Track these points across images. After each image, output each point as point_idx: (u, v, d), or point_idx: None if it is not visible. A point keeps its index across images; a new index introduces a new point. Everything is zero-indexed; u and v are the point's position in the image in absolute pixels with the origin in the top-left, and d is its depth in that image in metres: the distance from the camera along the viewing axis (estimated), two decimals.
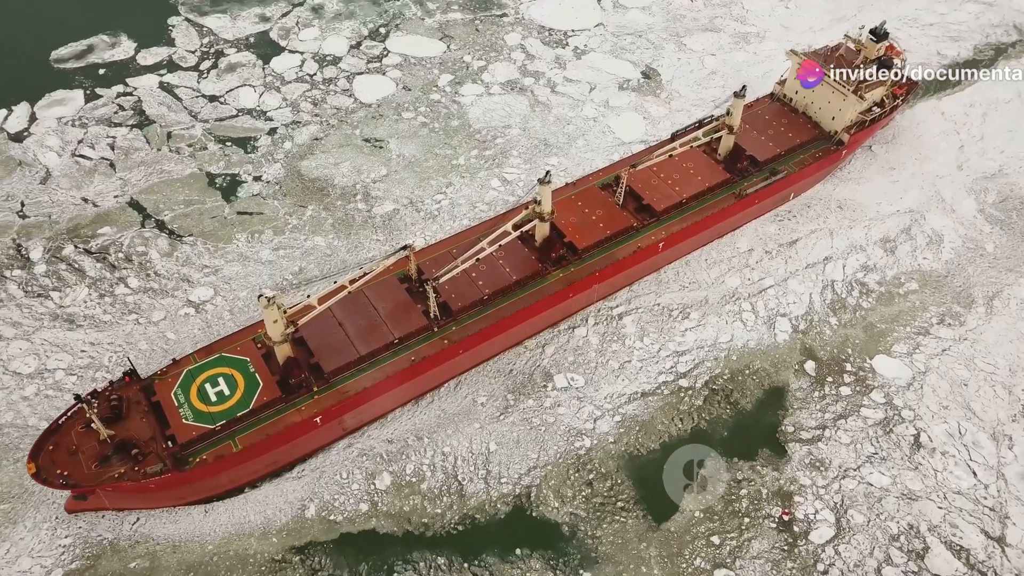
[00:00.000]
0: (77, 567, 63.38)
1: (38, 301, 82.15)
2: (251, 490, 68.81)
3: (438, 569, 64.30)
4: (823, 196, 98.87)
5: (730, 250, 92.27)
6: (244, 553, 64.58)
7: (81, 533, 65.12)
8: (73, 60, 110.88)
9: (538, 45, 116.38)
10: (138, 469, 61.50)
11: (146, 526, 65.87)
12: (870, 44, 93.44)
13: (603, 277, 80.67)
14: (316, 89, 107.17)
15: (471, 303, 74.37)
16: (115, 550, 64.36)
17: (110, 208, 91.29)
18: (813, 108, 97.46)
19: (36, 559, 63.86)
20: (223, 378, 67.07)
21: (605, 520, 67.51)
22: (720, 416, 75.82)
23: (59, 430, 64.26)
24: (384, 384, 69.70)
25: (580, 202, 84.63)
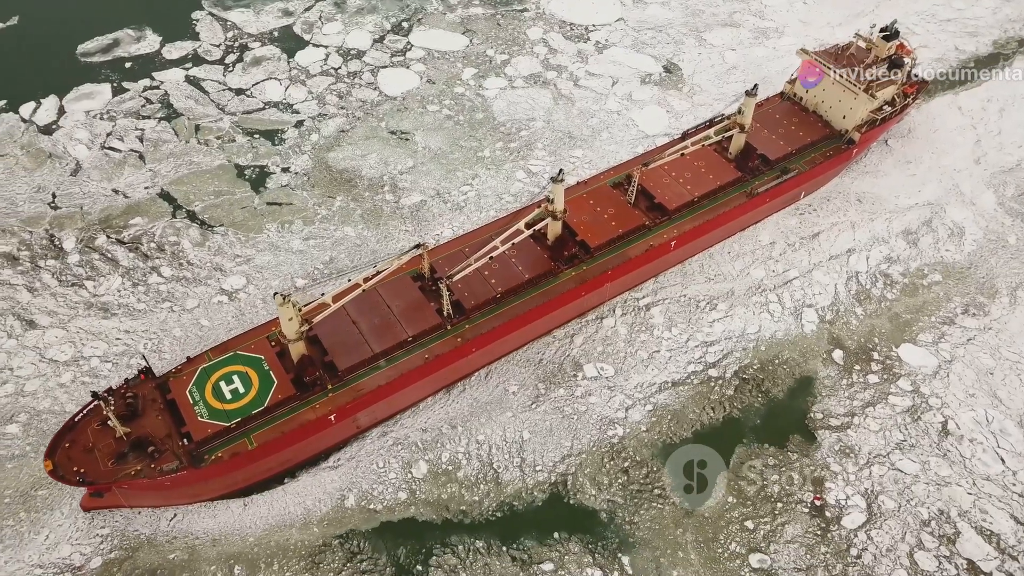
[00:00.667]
0: (116, 557, 63.69)
1: (72, 290, 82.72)
2: (289, 481, 68.92)
3: (476, 552, 64.73)
4: (841, 189, 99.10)
5: (752, 243, 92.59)
6: (285, 544, 64.61)
7: (118, 527, 65.20)
8: (99, 54, 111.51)
9: (560, 39, 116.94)
10: (154, 466, 61.27)
11: (184, 521, 65.79)
12: (881, 43, 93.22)
13: (615, 276, 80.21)
14: (341, 82, 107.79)
15: (484, 301, 73.97)
16: (152, 544, 64.42)
17: (141, 199, 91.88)
18: (824, 107, 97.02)
19: (75, 546, 64.13)
20: (238, 376, 66.58)
21: (642, 506, 67.91)
22: (752, 404, 76.14)
23: (75, 427, 63.52)
24: (398, 382, 69.37)
25: (592, 200, 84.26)
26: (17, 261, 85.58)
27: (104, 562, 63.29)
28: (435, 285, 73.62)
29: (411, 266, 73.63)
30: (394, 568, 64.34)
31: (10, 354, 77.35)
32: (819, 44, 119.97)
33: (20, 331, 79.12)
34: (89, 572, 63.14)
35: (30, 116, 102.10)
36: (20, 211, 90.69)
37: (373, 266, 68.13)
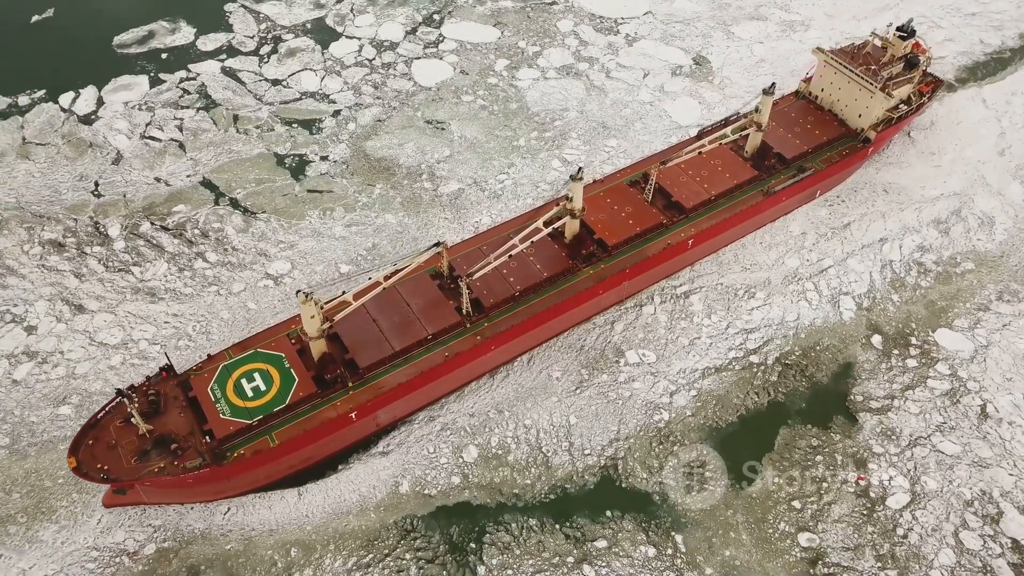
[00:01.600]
0: (169, 547, 63.92)
1: (119, 275, 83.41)
2: (343, 469, 69.10)
3: (530, 530, 65.25)
4: (867, 180, 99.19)
5: (783, 234, 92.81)
6: (344, 530, 64.82)
7: (171, 520, 65.24)
8: (136, 45, 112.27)
9: (591, 32, 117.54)
10: (177, 464, 60.88)
11: (238, 515, 65.78)
12: (897, 42, 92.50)
13: (633, 274, 79.39)
14: (376, 73, 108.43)
15: (503, 299, 73.48)
16: (206, 538, 64.44)
17: (183, 187, 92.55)
18: (839, 106, 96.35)
19: (129, 532, 64.36)
20: (259, 373, 66.15)
21: (693, 488, 68.34)
22: (797, 389, 76.48)
23: (98, 425, 63.23)
24: (418, 380, 68.66)
25: (609, 199, 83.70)
26: (64, 248, 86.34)
27: (158, 550, 63.57)
28: (454, 283, 73.31)
29: (429, 264, 72.68)
30: (447, 546, 64.81)
31: (60, 338, 78.06)
32: (845, 37, 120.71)
33: (69, 315, 79.83)
34: (143, 558, 63.42)
35: (69, 106, 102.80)
36: (64, 199, 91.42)
37: (393, 264, 67.80)
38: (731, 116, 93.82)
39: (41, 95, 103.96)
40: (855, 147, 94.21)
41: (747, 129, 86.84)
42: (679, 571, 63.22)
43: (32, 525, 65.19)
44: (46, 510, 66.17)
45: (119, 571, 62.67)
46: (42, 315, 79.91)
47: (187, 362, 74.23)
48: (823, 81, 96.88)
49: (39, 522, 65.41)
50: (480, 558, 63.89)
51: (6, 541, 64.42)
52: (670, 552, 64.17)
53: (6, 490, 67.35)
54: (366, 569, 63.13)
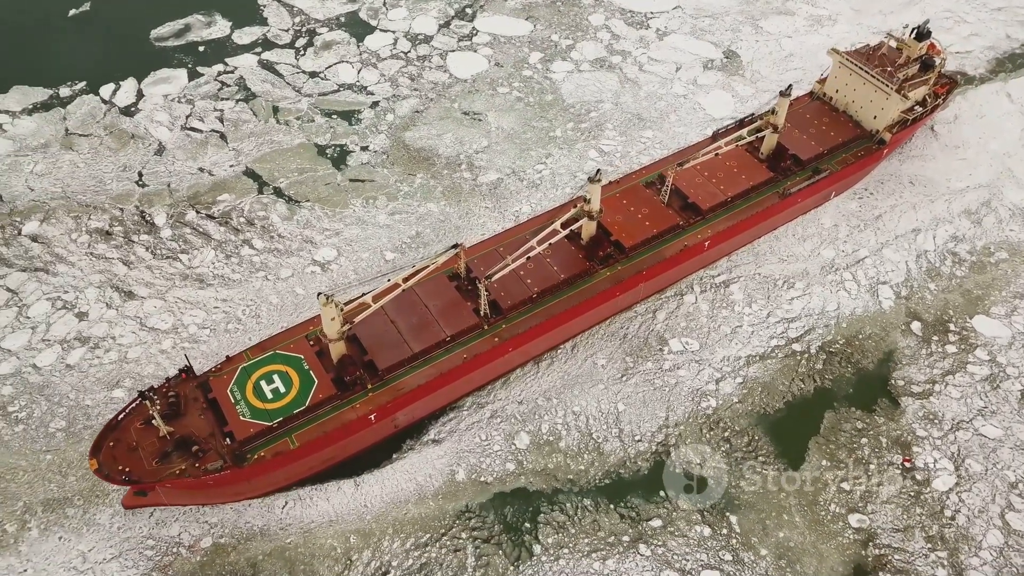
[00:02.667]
0: (227, 542, 63.75)
1: (167, 263, 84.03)
2: (398, 458, 69.24)
3: (584, 509, 65.67)
4: (892, 172, 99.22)
5: (815, 226, 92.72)
6: (403, 518, 65.00)
7: (228, 518, 65.04)
8: (173, 39, 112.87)
9: (622, 26, 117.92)
10: (198, 466, 60.47)
11: (296, 508, 65.73)
12: (912, 43, 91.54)
13: (650, 276, 78.75)
14: (411, 65, 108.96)
15: (520, 301, 73.05)
16: (265, 535, 64.30)
17: (226, 176, 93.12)
18: (854, 107, 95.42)
19: (184, 527, 64.30)
20: (278, 375, 65.65)
21: (746, 472, 68.68)
22: (842, 375, 76.91)
23: (119, 426, 62.87)
24: (437, 381, 68.25)
25: (625, 200, 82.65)
26: (111, 236, 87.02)
27: (215, 544, 63.43)
28: (471, 284, 72.87)
29: (447, 266, 71.71)
30: (502, 525, 65.26)
31: (111, 324, 78.71)
32: (872, 32, 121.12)
33: (119, 302, 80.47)
34: (200, 551, 63.42)
35: (110, 98, 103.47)
36: (109, 189, 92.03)
37: (412, 266, 67.35)
38: (746, 117, 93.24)
39: (82, 87, 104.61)
40: (870, 149, 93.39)
41: (763, 131, 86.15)
42: (734, 551, 63.64)
43: (88, 508, 65.65)
44: (100, 493, 66.57)
45: (177, 560, 62.86)
46: (92, 302, 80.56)
47: (235, 345, 74.99)
48: (838, 82, 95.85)
49: (95, 506, 65.81)
50: (535, 537, 64.37)
51: (65, 523, 64.89)
52: (725, 532, 64.61)
53: (63, 473, 67.90)
54: (423, 548, 63.60)
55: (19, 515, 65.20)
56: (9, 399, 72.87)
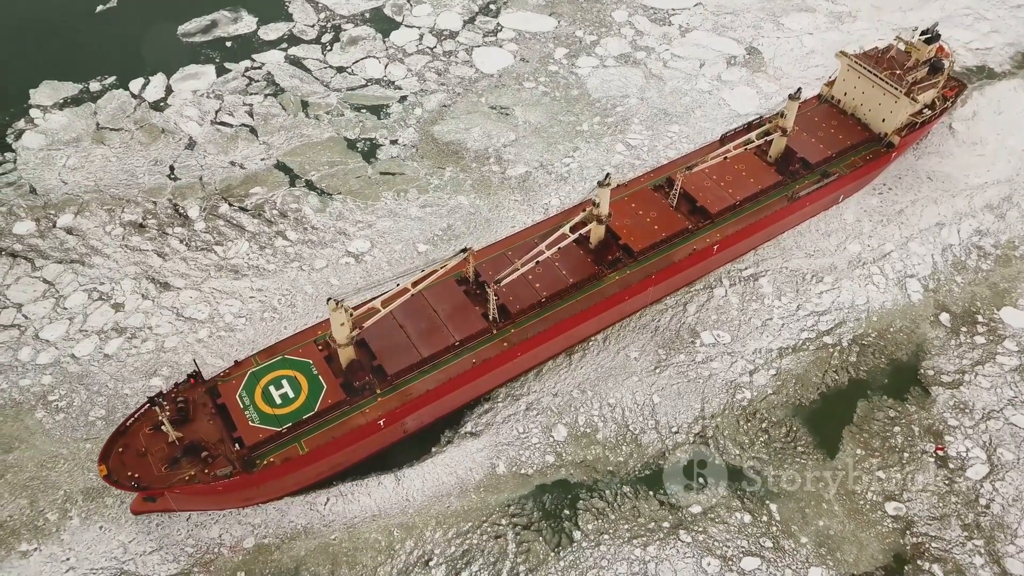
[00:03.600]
0: (270, 542, 63.37)
1: (201, 254, 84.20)
2: (437, 452, 69.04)
3: (624, 496, 65.67)
4: (909, 167, 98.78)
5: (838, 221, 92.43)
6: (446, 511, 64.93)
7: (272, 518, 64.60)
8: (200, 34, 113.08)
9: (645, 22, 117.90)
10: (208, 472, 59.59)
11: (339, 504, 65.41)
12: (921, 46, 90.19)
13: (659, 280, 77.50)
14: (438, 60, 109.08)
15: (529, 306, 71.94)
16: (309, 532, 63.93)
17: (258, 170, 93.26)
18: (863, 110, 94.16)
19: (224, 528, 63.82)
20: (287, 380, 64.56)
21: (786, 462, 68.69)
22: (877, 367, 76.98)
23: (127, 432, 61.91)
24: (446, 386, 67.21)
25: (634, 204, 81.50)
26: (144, 228, 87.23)
27: (257, 544, 62.95)
28: (479, 289, 71.85)
29: (455, 270, 70.56)
30: (541, 512, 65.32)
31: (148, 314, 78.93)
32: (891, 28, 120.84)
33: (155, 293, 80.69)
34: (242, 551, 63.03)
35: (139, 92, 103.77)
36: (141, 183, 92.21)
37: (421, 270, 66.45)
38: (754, 120, 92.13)
39: (111, 81, 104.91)
40: (878, 152, 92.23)
41: (771, 134, 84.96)
42: (775, 539, 63.65)
43: (127, 498, 65.32)
44: None
45: (218, 559, 62.53)
46: (128, 293, 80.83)
47: (271, 334, 75.28)
48: (846, 85, 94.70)
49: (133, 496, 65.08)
50: (575, 523, 64.45)
51: (104, 512, 65.10)
52: (765, 519, 64.64)
53: None
54: (465, 536, 63.64)
55: (60, 503, 65.44)
56: (49, 388, 73.17)
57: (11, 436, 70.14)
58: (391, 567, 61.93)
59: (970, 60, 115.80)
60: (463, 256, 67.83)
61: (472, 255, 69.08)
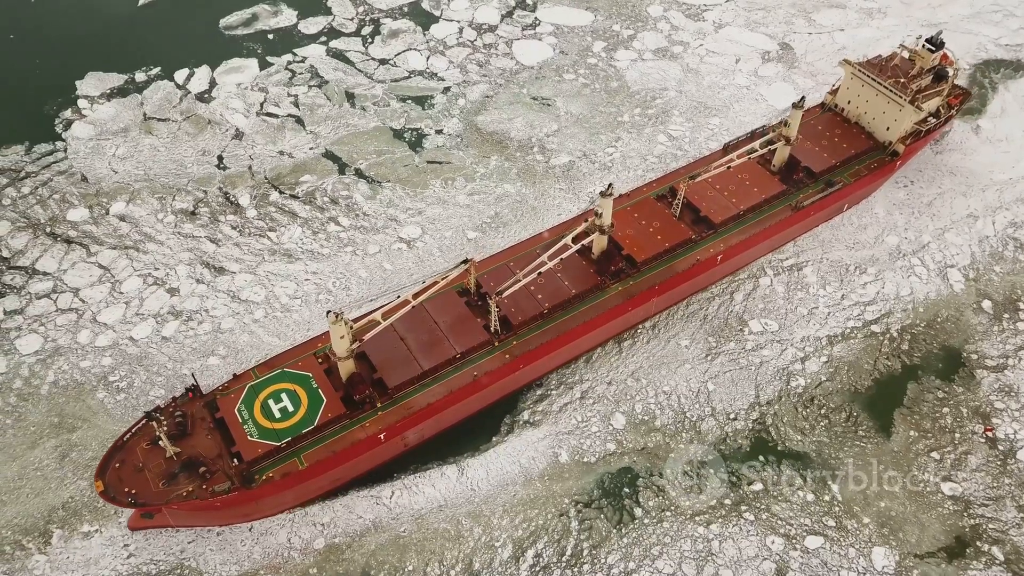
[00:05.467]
0: (340, 543, 62.37)
1: (254, 239, 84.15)
2: (498, 441, 68.54)
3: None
4: (931, 162, 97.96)
5: (869, 215, 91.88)
6: (512, 499, 64.40)
7: (339, 515, 63.61)
8: (241, 27, 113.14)
9: (680, 17, 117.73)
10: (206, 487, 57.71)
11: (404, 497, 64.61)
12: (926, 53, 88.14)
13: (662, 290, 75.48)
14: (478, 53, 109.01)
15: (531, 317, 69.80)
16: (377, 527, 63.05)
17: (306, 159, 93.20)
18: (867, 118, 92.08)
19: (293, 531, 62.75)
20: (286, 394, 62.68)
21: (846, 444, 68.54)
22: (926, 356, 76.83)
23: (124, 447, 60.03)
24: (448, 399, 65.39)
25: (636, 214, 79.15)
26: (196, 216, 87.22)
27: (328, 545, 61.97)
28: (481, 300, 70.05)
29: (456, 281, 68.56)
30: (600, 491, 65.21)
31: (203, 298, 78.94)
32: (921, 24, 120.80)
33: (210, 277, 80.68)
34: (313, 553, 61.61)
35: (184, 83, 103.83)
36: (190, 172, 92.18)
37: (422, 282, 64.99)
38: (757, 129, 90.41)
39: (156, 72, 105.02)
40: (883, 160, 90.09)
41: (775, 143, 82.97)
42: (837, 518, 63.39)
43: None
44: None
45: (288, 563, 61.33)
46: (183, 278, 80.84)
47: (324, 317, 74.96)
48: (850, 93, 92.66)
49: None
50: (636, 500, 64.18)
51: None
52: (827, 499, 64.39)
53: None
54: (531, 520, 63.55)
55: None
56: (109, 369, 73.24)
57: (74, 415, 70.14)
58: (458, 551, 61.60)
59: (1001, 55, 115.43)
60: (464, 267, 65.92)
61: (474, 266, 67.21)
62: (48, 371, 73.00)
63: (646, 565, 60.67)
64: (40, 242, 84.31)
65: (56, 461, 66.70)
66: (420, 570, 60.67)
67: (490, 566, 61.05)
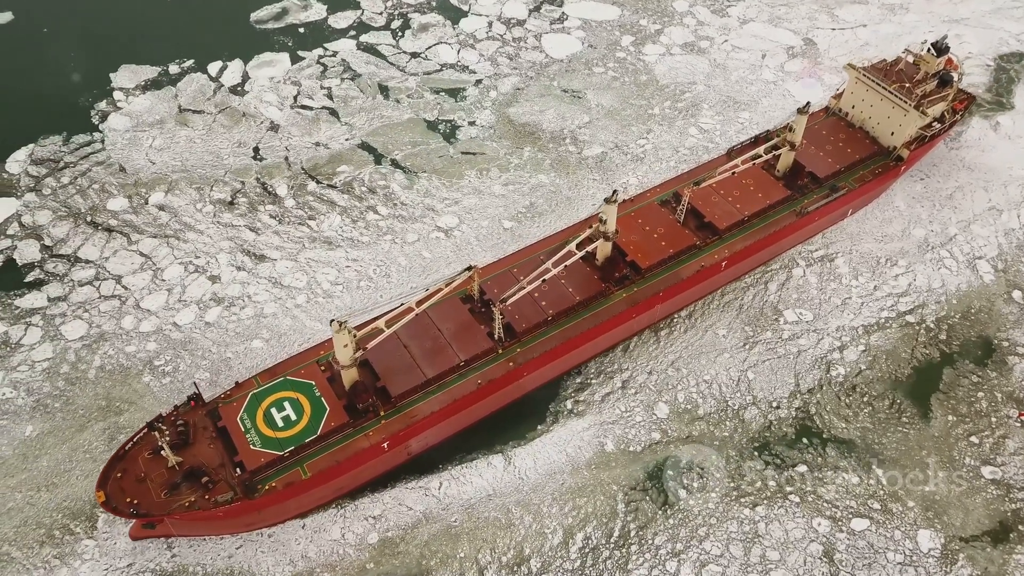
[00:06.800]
0: (393, 536, 62.07)
1: (294, 227, 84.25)
2: (543, 431, 68.48)
3: (729, 458, 65.80)
4: (946, 158, 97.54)
5: (891, 209, 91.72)
6: (561, 487, 64.40)
7: (390, 510, 63.14)
8: (272, 21, 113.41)
9: (706, 13, 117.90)
10: (208, 497, 56.72)
11: (452, 488, 64.29)
12: (930, 58, 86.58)
13: (666, 297, 74.31)
14: (508, 46, 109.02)
15: (535, 324, 68.54)
16: (429, 518, 62.86)
17: (342, 150, 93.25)
18: (871, 123, 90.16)
19: (345, 526, 62.33)
20: (288, 402, 61.60)
21: (889, 430, 68.59)
22: (962, 344, 76.81)
23: (126, 456, 59.08)
24: (451, 408, 64.38)
25: (640, 219, 77.98)
26: (234, 206, 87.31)
27: (380, 538, 61.54)
28: (484, 307, 68.97)
29: (459, 287, 67.41)
30: (644, 473, 65.28)
31: (245, 284, 79.06)
32: (942, 20, 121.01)
33: (251, 264, 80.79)
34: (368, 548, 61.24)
35: (217, 76, 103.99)
36: (227, 163, 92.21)
37: (425, 289, 63.66)
38: (760, 134, 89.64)
39: (190, 65, 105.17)
40: (887, 165, 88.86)
41: (779, 148, 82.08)
42: (882, 501, 63.34)
43: None
44: None
45: (344, 560, 60.94)
46: (224, 265, 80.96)
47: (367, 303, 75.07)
48: (854, 98, 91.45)
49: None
50: (680, 483, 64.22)
51: None
52: (872, 483, 64.39)
53: None
54: (579, 506, 63.63)
55: None
56: (155, 354, 73.39)
57: (121, 399, 70.31)
58: (510, 539, 61.55)
59: (1022, 50, 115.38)
60: (468, 274, 64.69)
61: (477, 272, 66.12)
62: (94, 356, 73.11)
63: (693, 546, 60.69)
64: (81, 231, 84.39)
65: (104, 443, 66.79)
66: (472, 557, 60.56)
67: (540, 551, 61.00)
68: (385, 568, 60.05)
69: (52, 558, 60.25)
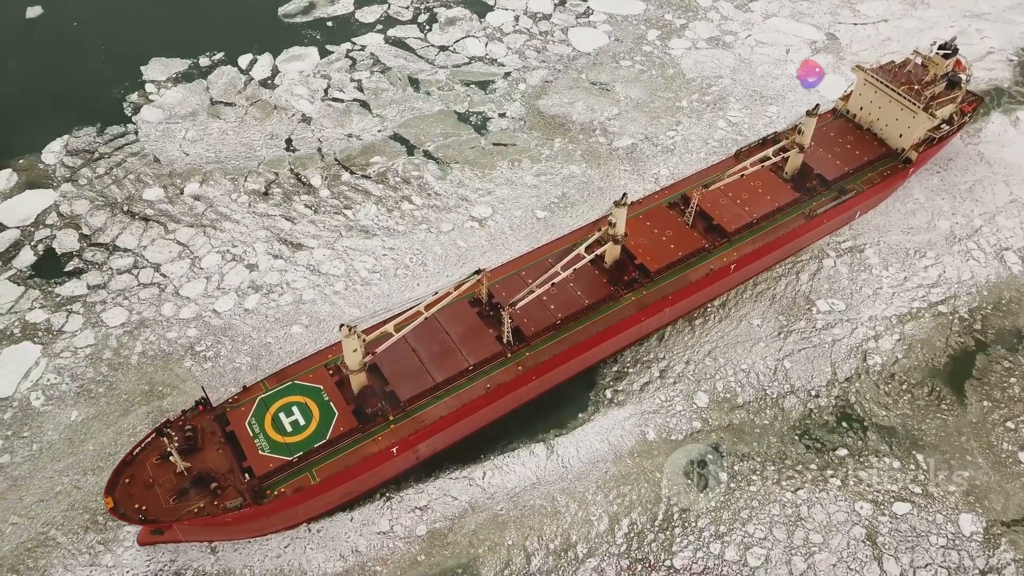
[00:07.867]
0: (441, 527, 61.86)
1: (329, 217, 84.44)
2: (584, 420, 68.43)
3: (769, 443, 65.93)
4: (957, 151, 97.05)
5: (912, 202, 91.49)
6: (605, 476, 64.26)
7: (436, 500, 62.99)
8: (300, 15, 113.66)
9: (729, 8, 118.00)
10: (217, 503, 56.06)
11: (495, 477, 64.12)
12: (939, 60, 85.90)
13: (675, 300, 73.34)
14: (535, 39, 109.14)
15: (544, 328, 67.70)
16: (475, 508, 62.63)
17: (374, 141, 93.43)
18: (879, 125, 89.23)
19: (393, 519, 62.12)
20: (297, 407, 60.83)
21: (928, 417, 68.62)
22: (997, 333, 76.99)
23: (134, 462, 58.47)
24: (460, 412, 63.60)
25: (649, 222, 77.24)
26: (269, 196, 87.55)
27: (429, 530, 61.39)
28: (492, 310, 68.38)
29: (468, 291, 66.98)
30: (687, 460, 65.38)
31: (283, 272, 79.32)
32: (963, 15, 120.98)
33: (288, 253, 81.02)
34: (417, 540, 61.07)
35: (247, 68, 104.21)
36: (260, 155, 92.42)
37: (434, 293, 63.37)
38: (768, 136, 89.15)
39: (220, 57, 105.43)
40: (896, 167, 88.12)
41: (788, 150, 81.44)
42: (923, 486, 63.43)
43: None
44: None
45: (395, 553, 60.69)
46: (261, 254, 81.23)
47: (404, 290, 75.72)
48: (862, 99, 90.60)
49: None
50: (721, 465, 64.28)
51: None
52: (913, 467, 64.42)
53: None
54: (620, 490, 63.90)
55: None
56: (195, 340, 73.69)
57: (163, 383, 70.67)
58: (556, 526, 61.67)
59: None
60: (476, 278, 64.45)
61: (486, 276, 65.49)
62: (135, 342, 73.42)
63: (736, 528, 60.80)
64: (118, 220, 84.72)
65: (148, 427, 66.94)
66: (519, 544, 60.65)
67: (587, 537, 61.18)
68: (436, 559, 59.94)
69: (96, 543, 60.38)
